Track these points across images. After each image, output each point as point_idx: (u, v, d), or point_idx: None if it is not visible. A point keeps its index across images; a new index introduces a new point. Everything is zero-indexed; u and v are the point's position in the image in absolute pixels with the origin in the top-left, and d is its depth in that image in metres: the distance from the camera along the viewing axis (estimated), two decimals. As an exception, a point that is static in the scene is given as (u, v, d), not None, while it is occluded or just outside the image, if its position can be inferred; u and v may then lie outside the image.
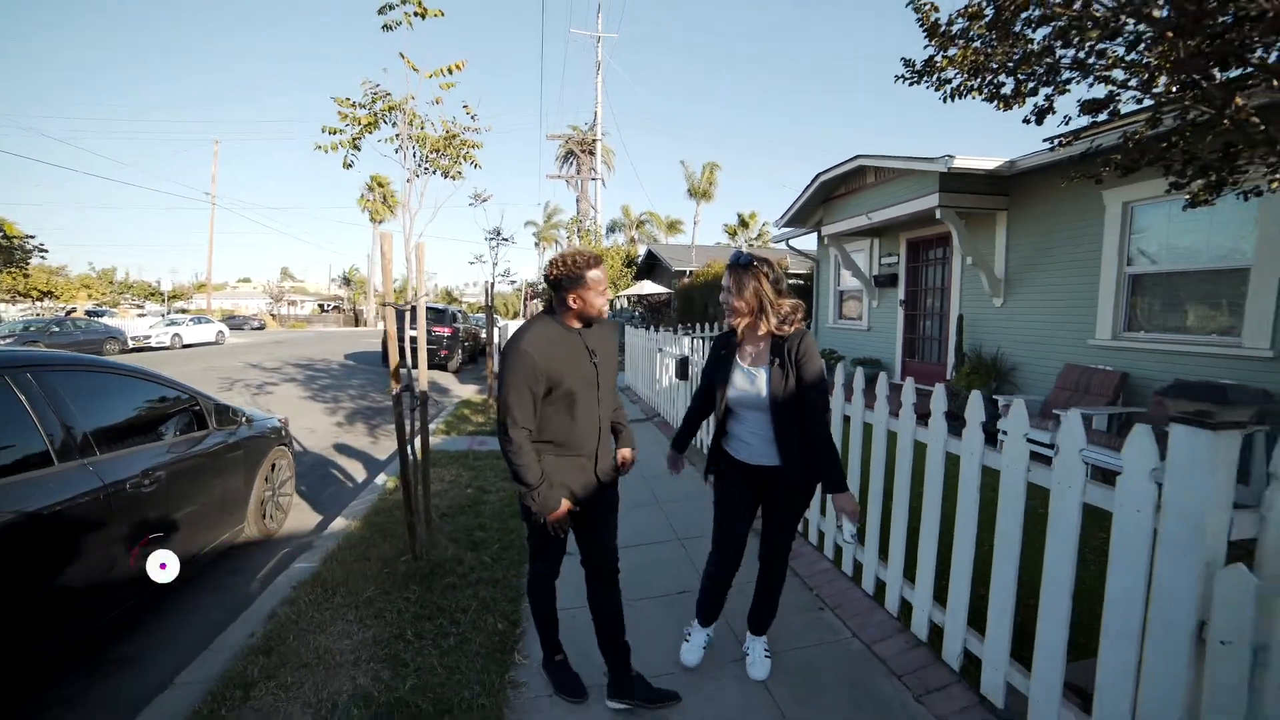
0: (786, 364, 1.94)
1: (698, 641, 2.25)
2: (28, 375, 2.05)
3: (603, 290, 1.88)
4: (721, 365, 2.10)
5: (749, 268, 1.98)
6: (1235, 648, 1.25)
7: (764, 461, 2.03)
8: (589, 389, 1.90)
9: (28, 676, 1.90)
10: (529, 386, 1.76)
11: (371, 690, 2.08)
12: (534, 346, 1.78)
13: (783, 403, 1.94)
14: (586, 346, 1.90)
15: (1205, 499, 1.31)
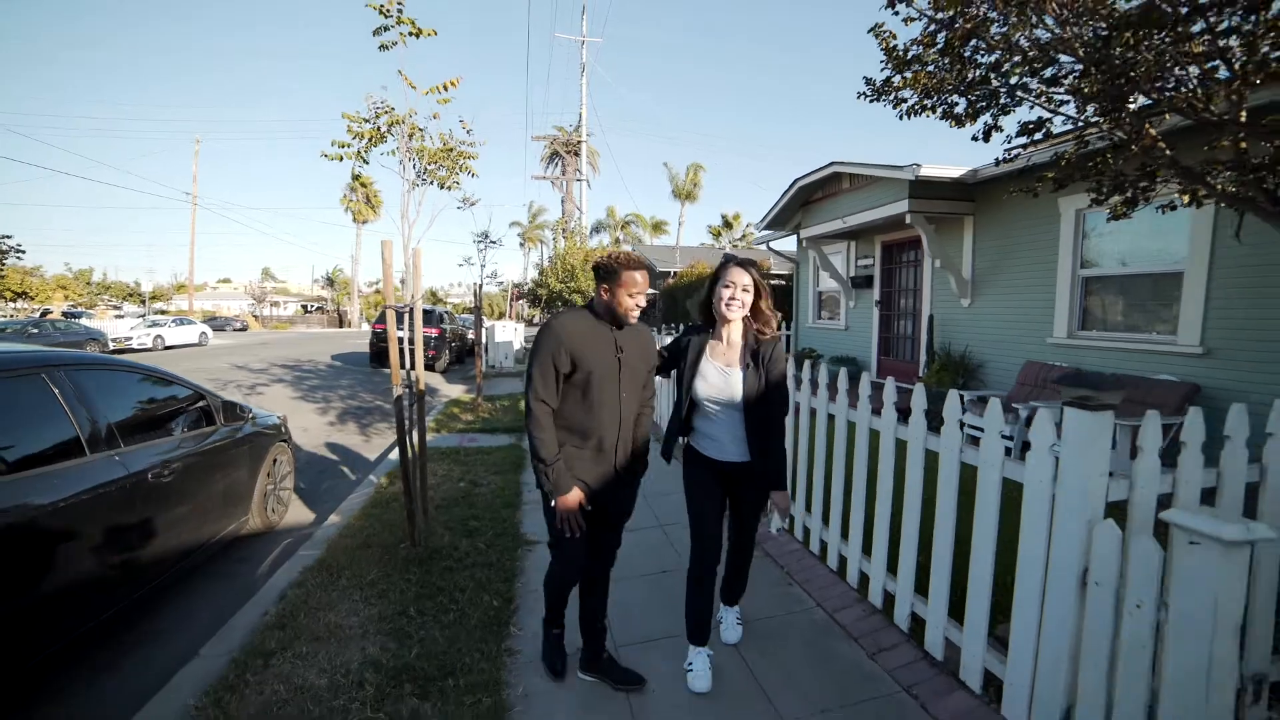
0: (760, 367, 2.02)
1: (701, 665, 2.14)
2: (61, 373, 2.23)
3: (635, 292, 1.90)
4: (689, 362, 2.12)
5: (754, 268, 2.05)
6: (1104, 589, 1.53)
7: (733, 458, 2.09)
8: (610, 379, 1.92)
9: (65, 648, 2.08)
10: (552, 360, 1.83)
11: (380, 658, 2.29)
12: (562, 324, 1.87)
13: (754, 403, 2.02)
14: (615, 342, 1.95)
15: (1088, 468, 1.59)
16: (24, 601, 1.85)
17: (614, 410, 1.94)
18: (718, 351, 2.10)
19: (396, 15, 2.72)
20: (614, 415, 1.94)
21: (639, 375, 2.03)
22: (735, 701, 2.07)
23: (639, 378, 2.03)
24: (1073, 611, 1.63)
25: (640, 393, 2.05)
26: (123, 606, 2.36)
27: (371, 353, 13.12)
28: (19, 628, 1.84)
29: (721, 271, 2.08)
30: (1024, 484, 1.80)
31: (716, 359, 2.08)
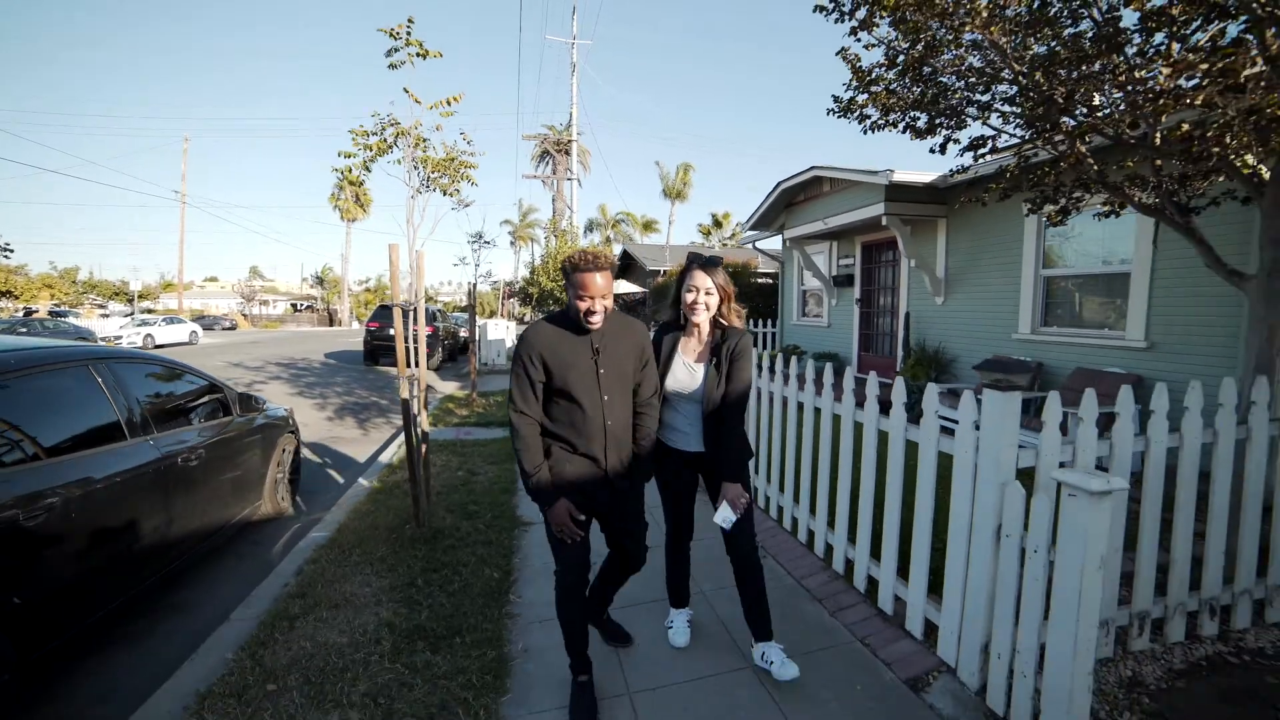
0: (723, 362, 2.05)
1: (680, 624, 2.40)
2: (104, 365, 2.47)
3: (587, 295, 1.80)
4: (665, 359, 2.14)
5: (719, 266, 2.07)
6: (1012, 539, 1.84)
7: (697, 448, 2.14)
8: (587, 383, 1.87)
9: (109, 616, 2.33)
10: (526, 371, 1.83)
11: (394, 620, 2.56)
12: (535, 332, 1.87)
13: (712, 397, 2.06)
14: (593, 344, 1.88)
15: (1000, 440, 1.89)
16: (91, 563, 2.10)
17: (596, 415, 1.88)
18: (689, 348, 2.14)
19: (405, 38, 2.97)
20: (597, 420, 1.88)
21: (626, 376, 1.94)
22: (710, 653, 2.36)
23: (626, 379, 1.95)
24: (989, 561, 1.93)
25: (628, 395, 1.97)
26: (159, 577, 2.61)
27: (366, 350, 13.29)
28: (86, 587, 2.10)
29: (686, 273, 2.09)
30: (953, 455, 2.11)
31: (687, 355, 2.13)
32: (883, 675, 2.18)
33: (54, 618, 1.96)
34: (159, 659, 2.42)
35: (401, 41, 3.00)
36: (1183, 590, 2.17)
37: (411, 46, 3.10)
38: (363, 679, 2.15)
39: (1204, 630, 2.23)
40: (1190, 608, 2.20)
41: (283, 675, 2.17)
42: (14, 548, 1.80)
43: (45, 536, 1.93)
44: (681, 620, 2.41)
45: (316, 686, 2.11)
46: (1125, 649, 2.15)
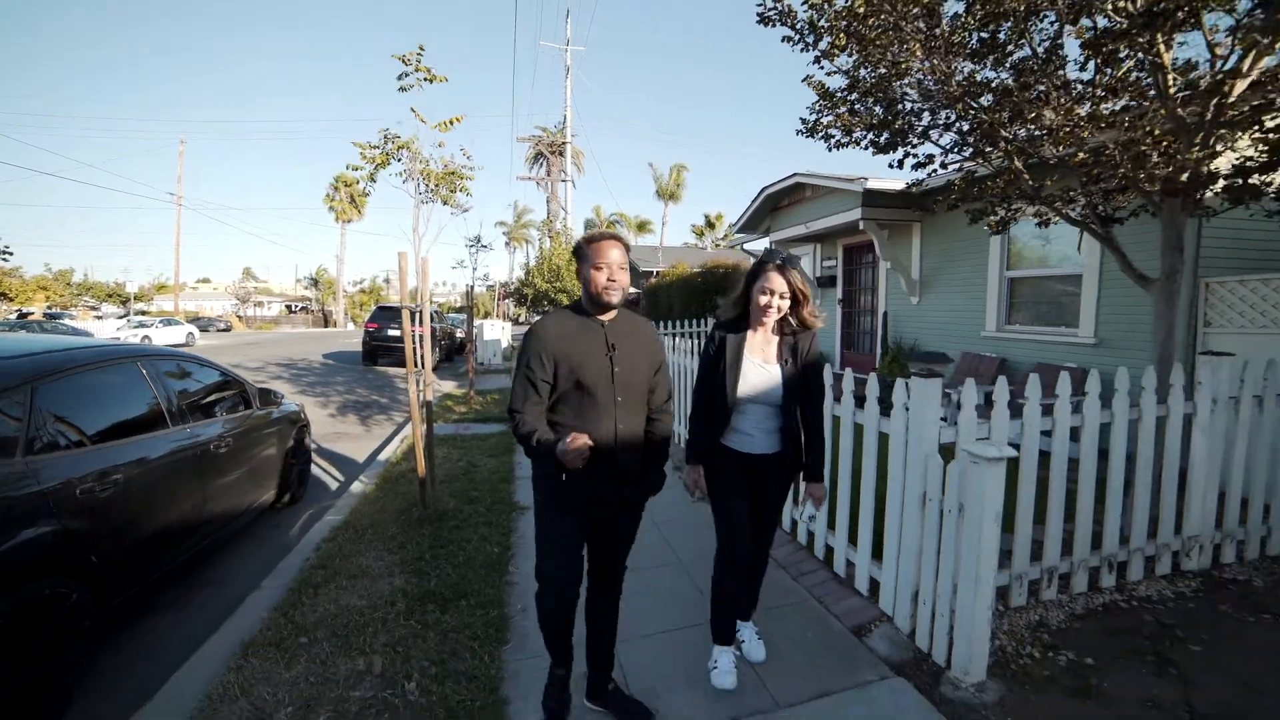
0: (798, 362, 2.00)
1: (726, 663, 2.08)
2: (148, 361, 2.80)
3: (603, 264, 1.68)
4: (729, 362, 2.01)
5: (796, 267, 1.97)
6: (934, 503, 2.19)
7: (763, 450, 2.05)
8: (603, 383, 1.72)
9: (160, 580, 2.65)
10: (535, 368, 1.68)
11: (406, 587, 2.89)
12: (544, 325, 1.73)
13: (793, 398, 2.00)
14: (606, 339, 1.75)
15: (925, 418, 2.25)
16: (146, 532, 2.44)
17: (609, 418, 1.72)
18: (755, 347, 2.03)
19: (415, 64, 3.31)
20: (609, 424, 1.72)
21: (639, 376, 1.80)
22: (686, 609, 2.70)
23: (640, 380, 1.80)
24: (917, 522, 2.29)
25: (642, 397, 1.82)
26: (198, 548, 2.93)
27: (365, 351, 13.56)
28: (144, 552, 2.43)
29: (759, 274, 1.97)
30: (890, 434, 2.47)
31: (755, 355, 2.02)
32: (832, 625, 2.53)
33: (121, 576, 2.28)
34: (197, 623, 2.74)
35: (411, 67, 3.33)
36: (1085, 549, 2.54)
37: (420, 72, 3.44)
38: (382, 633, 2.48)
39: (1103, 583, 2.60)
40: (1092, 564, 2.57)
41: (312, 630, 2.50)
42: (90, 516, 2.13)
43: (113, 507, 2.25)
44: (728, 659, 2.08)
45: (343, 638, 2.44)
46: (1037, 598, 2.52)
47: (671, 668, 2.23)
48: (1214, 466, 2.72)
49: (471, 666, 2.24)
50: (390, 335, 13.05)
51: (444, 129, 3.76)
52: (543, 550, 1.82)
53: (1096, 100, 2.63)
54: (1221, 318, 4.16)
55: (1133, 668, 2.14)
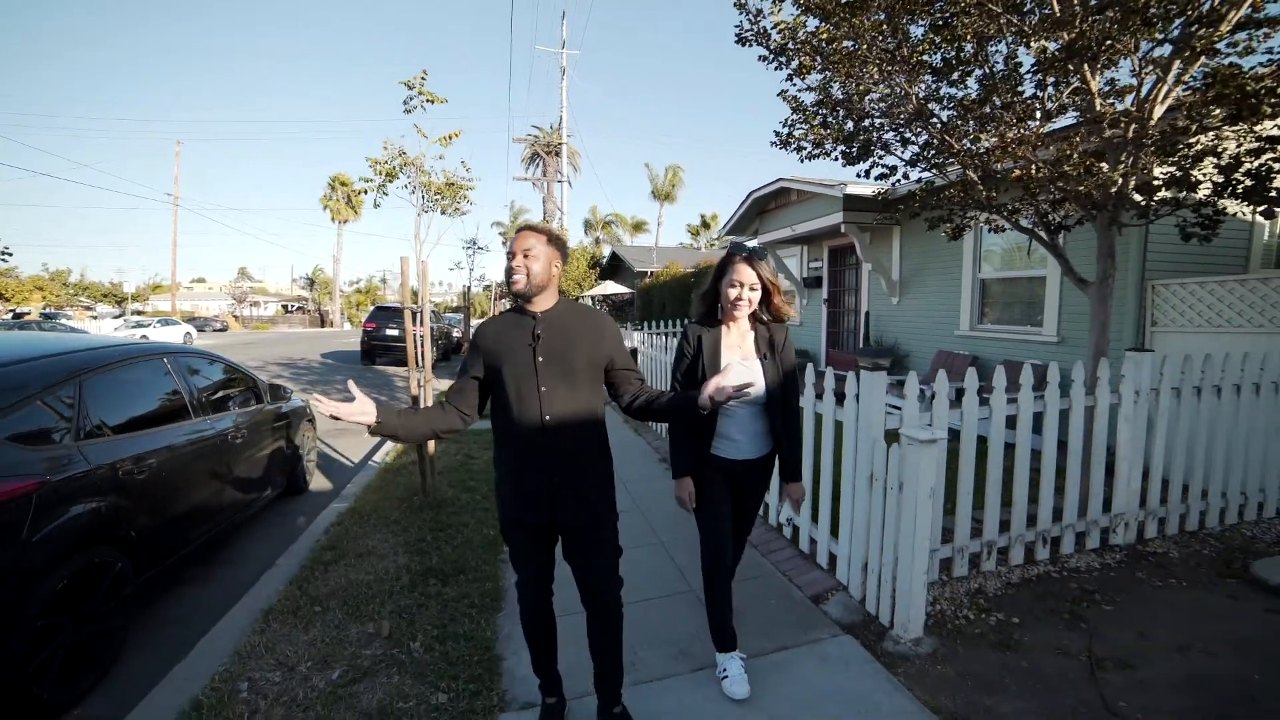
0: (776, 356, 1.95)
1: (735, 670, 2.06)
2: (172, 358, 3.06)
3: (513, 251, 1.68)
4: (707, 361, 1.94)
5: (764, 258, 1.92)
6: (879, 482, 2.48)
7: (747, 456, 1.99)
8: (523, 372, 1.66)
9: (188, 556, 2.91)
10: (469, 366, 1.74)
11: (409, 564, 3.16)
12: (483, 325, 1.79)
13: (775, 393, 1.95)
14: (534, 332, 1.68)
15: (873, 407, 2.54)
16: (176, 511, 2.70)
17: (533, 407, 1.65)
18: (731, 344, 1.98)
19: (419, 87, 3.59)
20: (533, 413, 1.65)
21: (574, 366, 1.69)
22: (665, 582, 2.98)
23: (574, 370, 1.70)
24: (866, 500, 2.58)
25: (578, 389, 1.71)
26: (219, 529, 3.19)
27: (363, 350, 13.78)
28: (174, 528, 2.69)
29: (726, 267, 1.92)
30: (843, 422, 2.75)
31: (733, 352, 1.97)
32: (794, 594, 2.82)
33: (155, 550, 2.54)
34: (219, 595, 3.00)
35: (415, 91, 3.61)
36: (1021, 525, 2.84)
37: (423, 95, 3.72)
38: (389, 602, 2.75)
39: (1038, 556, 2.90)
40: (1028, 539, 2.87)
41: (325, 600, 2.77)
42: (129, 495, 2.39)
43: (147, 488, 2.51)
44: (736, 666, 2.08)
45: (353, 607, 2.71)
46: (977, 569, 2.81)
47: (646, 632, 2.51)
48: (1137, 451, 3.02)
49: (470, 629, 2.52)
50: (388, 335, 13.27)
51: (445, 144, 4.03)
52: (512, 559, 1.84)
53: (1028, 119, 2.91)
54: (1166, 317, 4.47)
55: (1051, 624, 2.44)
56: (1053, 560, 2.92)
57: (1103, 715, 1.91)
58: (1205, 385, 3.15)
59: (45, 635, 1.92)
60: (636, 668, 2.23)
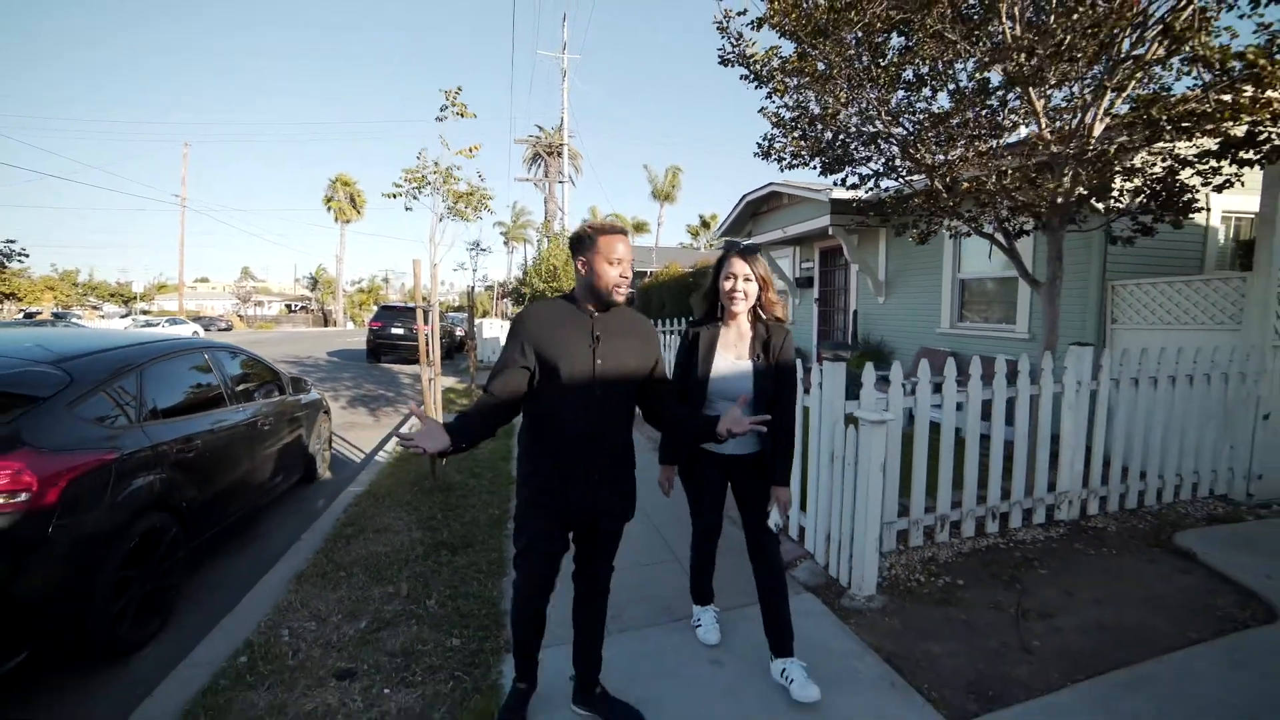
0: (770, 358, 1.98)
1: (709, 620, 2.35)
2: (211, 352, 3.40)
3: (616, 260, 1.63)
4: (701, 357, 2.02)
5: (757, 254, 1.97)
6: (839, 460, 2.81)
7: (736, 451, 2.03)
8: (581, 377, 1.63)
9: (227, 529, 3.26)
10: (516, 355, 1.63)
11: (423, 538, 3.50)
12: (530, 312, 1.69)
13: (765, 395, 1.97)
14: (592, 331, 1.65)
15: (834, 393, 2.87)
16: (216, 487, 3.05)
17: (586, 408, 1.64)
18: (728, 343, 2.03)
19: (453, 100, 3.96)
20: (585, 414, 1.64)
21: (627, 374, 1.70)
22: (653, 552, 3.32)
23: (626, 378, 1.70)
24: (828, 477, 2.91)
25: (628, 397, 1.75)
26: (249, 507, 3.54)
27: (369, 348, 14.13)
28: (216, 502, 3.04)
29: (722, 262, 2.00)
30: (809, 407, 3.08)
31: (728, 351, 2.02)
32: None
33: (201, 520, 2.89)
34: (252, 565, 3.34)
35: (450, 102, 3.98)
36: (972, 502, 3.16)
37: (455, 107, 4.08)
38: (406, 569, 3.09)
39: (989, 529, 3.23)
40: (979, 514, 3.19)
41: (349, 567, 3.11)
42: (180, 470, 2.73)
43: (194, 465, 2.85)
44: (710, 616, 2.39)
45: (375, 572, 3.05)
46: (932, 541, 3.14)
47: (634, 592, 2.84)
48: (1079, 436, 3.35)
49: (478, 590, 2.86)
50: (394, 333, 13.63)
51: (467, 155, 4.40)
52: (517, 548, 1.78)
53: (986, 135, 3.24)
54: (1124, 315, 4.80)
55: (990, 585, 2.77)
56: (1002, 534, 3.25)
57: (1018, 653, 2.25)
58: (1142, 376, 3.47)
59: (122, 585, 2.26)
60: (623, 620, 2.57)
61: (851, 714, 1.93)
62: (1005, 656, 2.23)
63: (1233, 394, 3.69)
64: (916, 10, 3.26)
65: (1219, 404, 3.69)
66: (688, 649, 2.35)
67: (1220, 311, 4.05)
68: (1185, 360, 3.56)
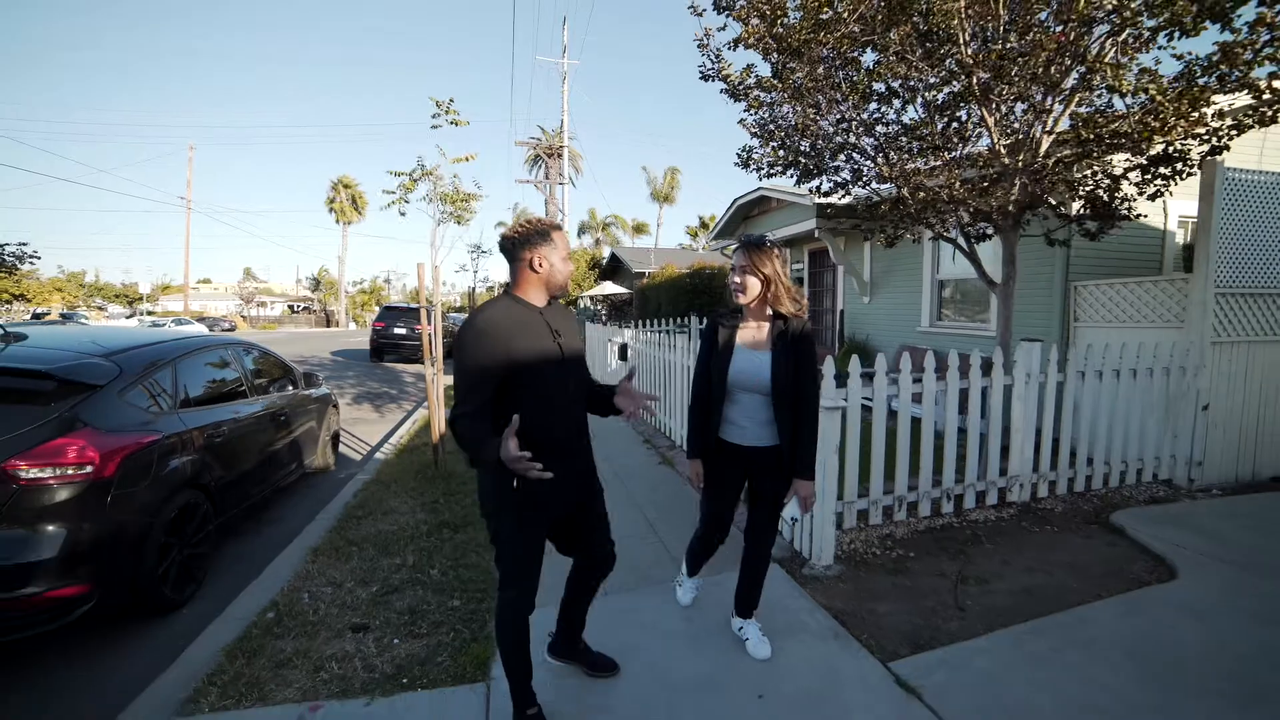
0: (789, 349, 1.98)
1: (688, 587, 2.60)
2: (235, 348, 3.73)
3: (566, 257, 1.71)
4: (721, 349, 2.05)
5: (764, 247, 1.96)
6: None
7: (755, 443, 2.05)
8: (557, 374, 1.68)
9: (250, 508, 3.57)
10: (489, 365, 1.57)
11: (427, 519, 3.82)
12: (488, 320, 1.61)
13: (783, 386, 1.97)
14: (549, 325, 1.70)
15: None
16: (240, 470, 3.37)
17: (563, 400, 1.70)
18: (746, 337, 2.06)
19: (446, 109, 4.27)
20: (564, 405, 1.70)
21: (580, 355, 1.81)
22: (637, 531, 3.62)
23: (581, 359, 1.81)
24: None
25: (583, 379, 1.82)
26: (267, 491, 3.86)
27: (372, 348, 14.47)
28: (239, 483, 3.36)
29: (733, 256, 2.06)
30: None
31: (745, 343, 2.05)
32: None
33: (227, 499, 3.20)
34: (270, 543, 3.65)
35: (444, 111, 4.29)
36: (928, 482, 3.47)
37: (449, 115, 4.39)
38: (411, 544, 3.41)
39: (944, 510, 3.53)
40: (934, 495, 3.50)
41: (360, 543, 3.43)
42: (210, 453, 3.05)
43: (222, 449, 3.17)
44: (691, 584, 2.61)
45: (383, 547, 3.36)
46: (891, 519, 3.45)
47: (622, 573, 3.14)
48: (1029, 424, 3.65)
49: (476, 562, 3.17)
50: (396, 333, 13.96)
51: (462, 162, 4.72)
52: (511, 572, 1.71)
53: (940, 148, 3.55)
54: (1086, 313, 5.10)
55: (939, 557, 3.07)
56: (957, 514, 3.55)
57: (952, 611, 2.55)
58: (1088, 370, 3.77)
59: (164, 550, 2.58)
60: (605, 585, 2.87)
61: (796, 658, 2.23)
62: (940, 613, 2.53)
63: (1175, 387, 3.99)
64: (881, 33, 3.57)
65: (1163, 396, 3.99)
66: (664, 609, 2.65)
67: (1167, 310, 4.35)
68: (1129, 354, 3.86)
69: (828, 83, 3.91)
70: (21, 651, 2.39)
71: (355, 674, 2.19)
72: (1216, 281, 3.91)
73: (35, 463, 2.07)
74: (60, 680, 2.29)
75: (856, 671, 2.13)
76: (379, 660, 2.28)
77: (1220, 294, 3.95)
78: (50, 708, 2.14)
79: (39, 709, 2.14)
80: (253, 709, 1.98)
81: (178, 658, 2.28)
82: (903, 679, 2.06)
